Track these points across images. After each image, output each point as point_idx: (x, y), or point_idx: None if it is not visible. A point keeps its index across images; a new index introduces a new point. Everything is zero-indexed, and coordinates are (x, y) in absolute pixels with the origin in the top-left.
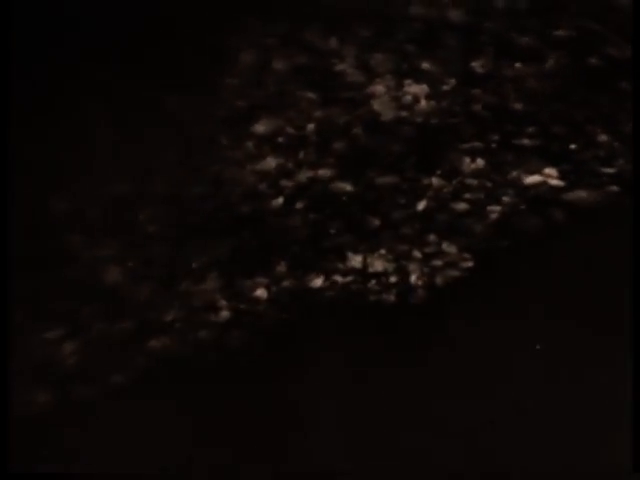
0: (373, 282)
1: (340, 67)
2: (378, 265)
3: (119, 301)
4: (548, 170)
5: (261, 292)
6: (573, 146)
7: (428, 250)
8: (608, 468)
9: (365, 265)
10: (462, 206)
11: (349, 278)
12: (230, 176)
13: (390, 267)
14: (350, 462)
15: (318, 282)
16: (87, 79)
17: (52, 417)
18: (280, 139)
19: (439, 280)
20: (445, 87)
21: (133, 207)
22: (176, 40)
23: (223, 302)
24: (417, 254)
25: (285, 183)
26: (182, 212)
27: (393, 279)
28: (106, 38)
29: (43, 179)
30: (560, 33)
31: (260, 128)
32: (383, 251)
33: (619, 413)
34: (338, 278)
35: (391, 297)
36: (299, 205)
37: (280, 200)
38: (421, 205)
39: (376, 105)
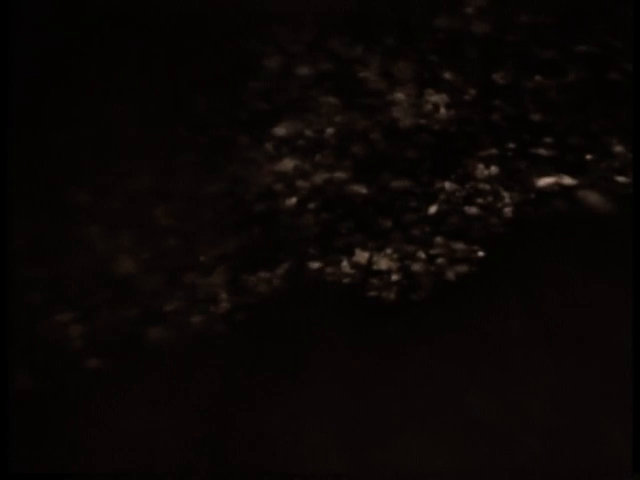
0: (375, 279)
1: (363, 74)
2: (383, 263)
3: (128, 290)
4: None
5: (263, 286)
6: (589, 156)
7: (433, 251)
8: (608, 468)
9: (370, 262)
10: (473, 210)
11: (351, 271)
12: (247, 175)
13: (394, 266)
14: (347, 460)
15: (315, 264)
16: (118, 78)
17: (53, 411)
18: (299, 141)
19: (439, 279)
20: (465, 97)
21: (151, 201)
22: (205, 44)
23: (224, 295)
24: (422, 255)
25: (301, 184)
26: (197, 208)
27: (395, 277)
28: (139, 38)
29: (68, 171)
30: (581, 48)
31: (280, 130)
32: (389, 250)
33: (619, 413)
34: (340, 269)
35: (391, 295)
36: (312, 205)
37: (294, 200)
38: (433, 209)
39: (396, 112)
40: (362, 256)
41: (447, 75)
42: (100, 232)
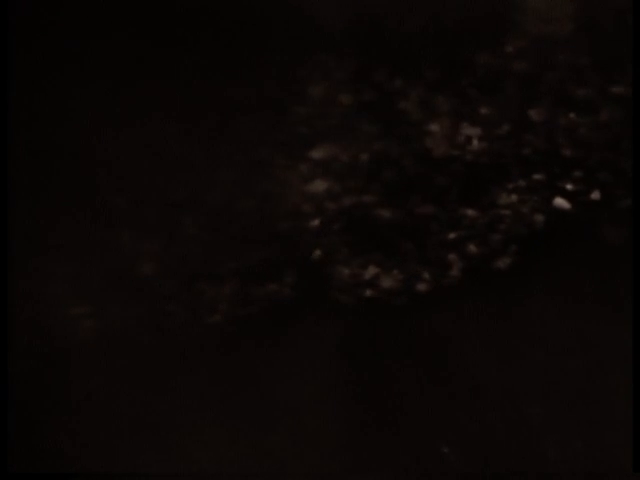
0: (370, 293)
1: (403, 105)
2: (385, 281)
3: (141, 291)
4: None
5: (267, 298)
6: (616, 191)
7: (440, 272)
8: (608, 468)
9: (375, 278)
10: (494, 236)
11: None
12: (278, 194)
13: (395, 284)
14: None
15: (320, 279)
16: (171, 97)
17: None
18: (333, 165)
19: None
20: (499, 131)
21: (182, 212)
22: (255, 68)
23: (229, 304)
24: (426, 275)
25: (329, 205)
26: (225, 221)
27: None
28: (190, 59)
29: (109, 176)
30: (617, 89)
31: (316, 154)
32: (396, 270)
33: (619, 413)
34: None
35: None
36: (337, 226)
37: (317, 221)
38: (453, 234)
39: (429, 142)
40: (369, 272)
41: (484, 110)
42: (128, 235)
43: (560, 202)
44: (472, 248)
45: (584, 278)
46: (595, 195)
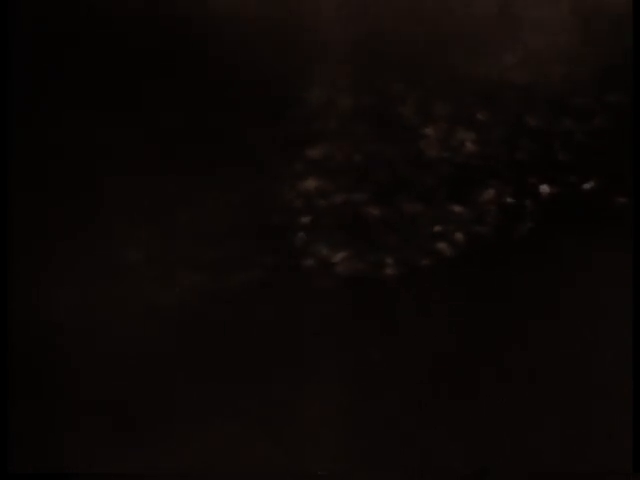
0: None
1: (399, 110)
2: (345, 264)
3: (127, 278)
4: None
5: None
6: (610, 192)
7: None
8: (608, 468)
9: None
10: (478, 228)
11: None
12: (271, 191)
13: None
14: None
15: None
16: (174, 101)
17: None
18: (327, 164)
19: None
20: (493, 135)
21: (177, 205)
22: (258, 74)
23: (210, 294)
24: (390, 260)
25: (320, 203)
26: (218, 216)
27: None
28: (193, 66)
29: (112, 168)
30: (612, 98)
31: (312, 153)
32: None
33: (619, 413)
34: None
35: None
36: (324, 221)
37: (307, 217)
38: (437, 227)
39: (423, 145)
40: (336, 258)
41: (479, 115)
42: (121, 225)
43: (543, 188)
44: (459, 236)
45: (578, 276)
46: (587, 195)
